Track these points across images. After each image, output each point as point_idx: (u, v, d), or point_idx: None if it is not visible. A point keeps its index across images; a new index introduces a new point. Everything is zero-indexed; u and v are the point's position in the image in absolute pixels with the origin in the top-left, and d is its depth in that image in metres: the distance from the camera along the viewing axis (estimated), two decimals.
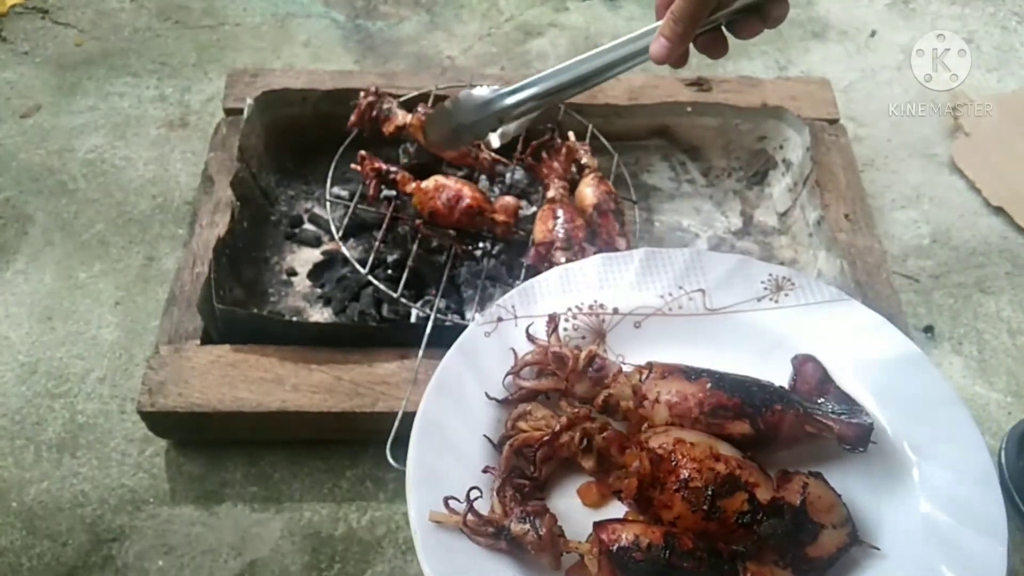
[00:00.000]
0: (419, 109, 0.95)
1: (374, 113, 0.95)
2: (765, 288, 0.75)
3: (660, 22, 0.64)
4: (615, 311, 0.74)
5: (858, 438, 0.63)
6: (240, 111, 1.02)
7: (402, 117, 0.94)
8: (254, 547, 0.80)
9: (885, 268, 0.94)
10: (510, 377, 0.68)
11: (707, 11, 0.61)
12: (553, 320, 0.70)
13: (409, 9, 1.43)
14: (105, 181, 1.13)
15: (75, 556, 0.79)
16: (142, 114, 1.22)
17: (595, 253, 0.87)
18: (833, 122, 1.09)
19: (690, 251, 0.77)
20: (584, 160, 0.97)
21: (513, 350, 0.69)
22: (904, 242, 1.09)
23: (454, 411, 0.66)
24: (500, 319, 0.72)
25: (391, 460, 0.72)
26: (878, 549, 0.61)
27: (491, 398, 0.67)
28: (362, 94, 0.96)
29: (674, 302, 0.75)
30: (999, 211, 1.12)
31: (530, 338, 0.70)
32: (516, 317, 0.72)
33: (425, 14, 1.42)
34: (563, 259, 0.85)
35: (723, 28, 0.64)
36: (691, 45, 0.65)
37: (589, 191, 0.93)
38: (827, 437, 0.64)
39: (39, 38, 1.33)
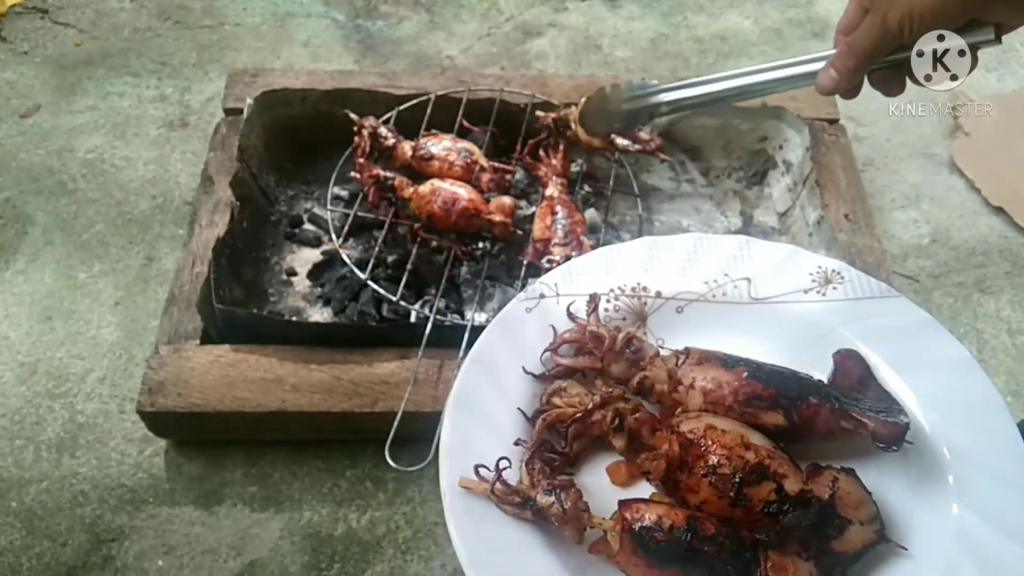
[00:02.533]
0: (420, 140, 0.95)
1: (379, 144, 0.96)
2: (813, 280, 0.74)
3: (832, 51, 0.62)
4: (658, 295, 0.73)
5: (893, 437, 0.62)
6: (240, 111, 1.02)
7: (408, 149, 0.95)
8: (254, 547, 0.80)
9: (885, 268, 0.94)
10: (548, 353, 0.68)
11: (886, 50, 0.59)
12: (593, 300, 0.70)
13: (409, 9, 1.43)
14: (105, 181, 1.13)
15: (75, 556, 0.79)
16: (142, 114, 1.22)
17: (594, 241, 0.88)
18: (833, 122, 1.09)
19: (739, 239, 0.76)
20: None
21: (553, 327, 0.69)
22: (904, 242, 1.09)
23: (490, 383, 0.66)
24: (542, 295, 0.72)
25: (390, 460, 0.72)
26: (905, 549, 0.60)
27: (528, 372, 0.67)
28: (356, 127, 0.96)
29: (718, 289, 0.74)
30: (999, 211, 1.12)
31: (570, 316, 0.70)
32: (558, 295, 0.72)
33: (425, 14, 1.42)
34: (560, 254, 0.85)
35: (905, 68, 0.60)
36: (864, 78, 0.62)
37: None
38: (862, 433, 0.63)
39: (39, 38, 1.33)
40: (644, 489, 0.63)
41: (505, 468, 0.59)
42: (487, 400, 0.65)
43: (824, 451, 0.64)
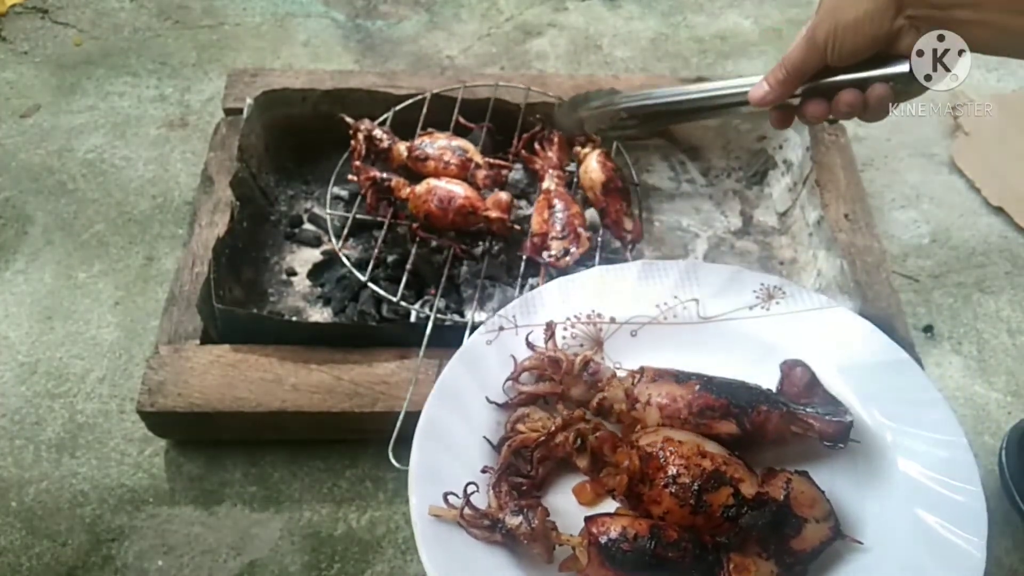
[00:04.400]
0: (416, 139, 0.96)
1: (375, 146, 0.96)
2: (757, 297, 0.78)
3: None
4: (612, 320, 0.77)
5: (838, 435, 0.66)
6: (240, 111, 1.03)
7: (404, 149, 0.95)
8: (254, 547, 0.80)
9: (885, 268, 0.94)
10: (509, 382, 0.71)
11: (812, 65, 0.62)
12: (550, 327, 0.72)
13: (409, 9, 1.43)
14: (105, 181, 1.13)
15: (75, 556, 0.79)
16: (142, 114, 1.22)
17: (592, 234, 0.89)
18: (833, 122, 1.09)
19: (685, 262, 0.80)
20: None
21: (513, 357, 0.72)
22: (904, 242, 1.09)
23: (455, 414, 0.69)
24: (501, 328, 0.74)
25: (393, 460, 0.72)
26: (861, 543, 0.63)
27: (491, 402, 0.70)
28: (351, 131, 0.96)
29: (669, 311, 0.78)
30: (999, 211, 1.12)
31: (529, 345, 0.72)
32: (516, 326, 0.75)
33: (425, 14, 1.42)
34: (557, 248, 0.86)
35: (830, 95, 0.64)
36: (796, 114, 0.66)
37: (597, 167, 0.92)
38: (810, 435, 0.66)
39: (39, 38, 1.33)
40: (609, 507, 0.65)
41: (473, 492, 0.61)
42: (453, 430, 0.68)
43: (777, 456, 0.67)
